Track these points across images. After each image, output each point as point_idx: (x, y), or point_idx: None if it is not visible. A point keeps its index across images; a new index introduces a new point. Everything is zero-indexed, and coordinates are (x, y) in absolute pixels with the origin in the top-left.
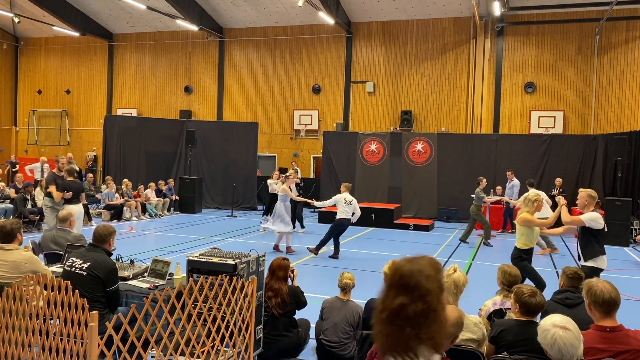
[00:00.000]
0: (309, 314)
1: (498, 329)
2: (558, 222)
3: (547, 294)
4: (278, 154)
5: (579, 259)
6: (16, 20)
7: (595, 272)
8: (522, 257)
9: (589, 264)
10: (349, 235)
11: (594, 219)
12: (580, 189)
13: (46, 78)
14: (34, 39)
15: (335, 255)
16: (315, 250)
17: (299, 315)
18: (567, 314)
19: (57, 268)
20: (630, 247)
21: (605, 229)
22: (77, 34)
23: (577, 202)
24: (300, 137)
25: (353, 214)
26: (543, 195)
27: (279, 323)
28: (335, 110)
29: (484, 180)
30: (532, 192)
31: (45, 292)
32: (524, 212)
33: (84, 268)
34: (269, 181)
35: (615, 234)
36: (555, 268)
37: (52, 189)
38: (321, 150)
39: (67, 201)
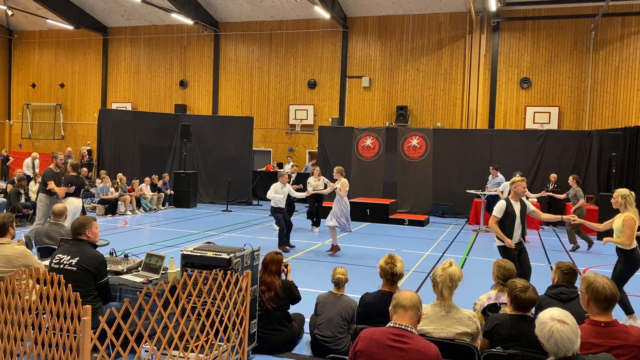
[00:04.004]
0: (304, 308)
1: (492, 323)
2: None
3: (542, 289)
4: (273, 148)
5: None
6: (9, 13)
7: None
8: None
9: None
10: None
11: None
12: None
13: (40, 71)
14: (28, 32)
15: (285, 248)
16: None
17: (293, 309)
18: (561, 309)
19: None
20: None
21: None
22: (71, 27)
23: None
24: (296, 132)
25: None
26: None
27: (273, 317)
28: (330, 105)
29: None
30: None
31: (37, 286)
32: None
33: (73, 263)
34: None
35: (610, 230)
36: (550, 263)
37: (53, 184)
38: (317, 145)
39: (70, 194)
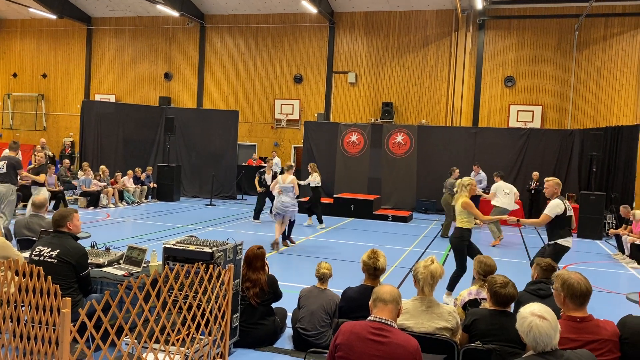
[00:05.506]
0: (286, 302)
1: (471, 318)
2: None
3: (521, 285)
4: (259, 143)
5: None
6: None
7: (561, 250)
8: (463, 236)
9: (559, 242)
10: (328, 225)
11: (554, 206)
12: (547, 178)
13: (22, 61)
14: (10, 20)
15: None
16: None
17: (275, 303)
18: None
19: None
20: (603, 240)
21: (568, 213)
22: (54, 17)
23: (544, 190)
24: (281, 126)
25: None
26: (513, 188)
27: (256, 312)
28: (316, 100)
29: (457, 170)
30: (467, 178)
31: (16, 278)
32: (462, 197)
33: (53, 255)
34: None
35: (589, 228)
36: (530, 260)
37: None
38: (302, 140)
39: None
